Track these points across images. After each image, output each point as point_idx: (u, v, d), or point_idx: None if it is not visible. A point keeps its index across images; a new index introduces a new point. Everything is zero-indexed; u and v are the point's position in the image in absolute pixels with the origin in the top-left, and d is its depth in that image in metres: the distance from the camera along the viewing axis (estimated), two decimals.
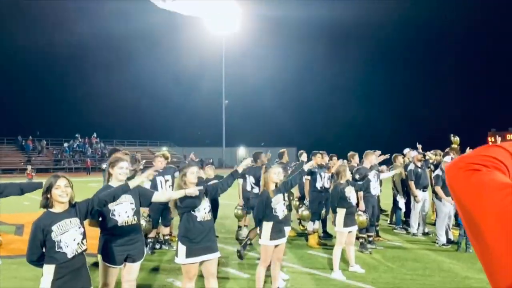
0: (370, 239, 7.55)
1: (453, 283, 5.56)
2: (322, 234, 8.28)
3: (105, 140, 43.98)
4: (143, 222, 6.82)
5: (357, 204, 6.91)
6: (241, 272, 6.05)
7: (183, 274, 4.35)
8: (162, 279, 5.74)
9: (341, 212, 6.05)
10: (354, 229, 6.23)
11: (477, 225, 0.97)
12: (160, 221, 7.34)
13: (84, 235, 3.20)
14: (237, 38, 42.97)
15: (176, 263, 6.39)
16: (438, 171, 7.80)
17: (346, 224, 6.02)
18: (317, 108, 70.32)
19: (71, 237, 3.09)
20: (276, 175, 5.16)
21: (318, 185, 7.78)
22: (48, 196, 3.10)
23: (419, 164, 8.46)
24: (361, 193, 6.99)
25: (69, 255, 3.06)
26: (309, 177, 7.73)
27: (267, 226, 4.99)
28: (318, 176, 7.77)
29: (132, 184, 3.59)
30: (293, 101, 69.28)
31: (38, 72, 57.53)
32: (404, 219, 9.36)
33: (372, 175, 7.32)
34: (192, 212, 4.22)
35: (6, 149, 38.97)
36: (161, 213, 7.21)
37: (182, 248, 4.21)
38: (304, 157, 8.30)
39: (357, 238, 7.53)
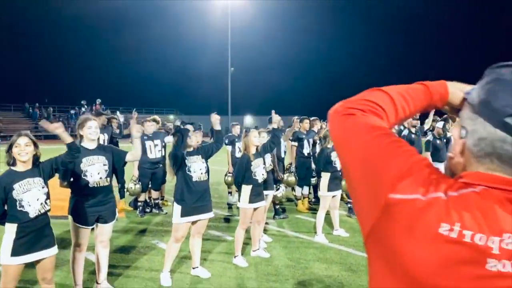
0: None
1: None
2: (313, 199, 8.29)
3: (112, 108, 44.02)
4: (132, 186, 6.92)
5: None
6: (225, 234, 6.12)
7: (172, 233, 4.40)
8: (147, 241, 5.83)
9: (325, 176, 6.02)
10: (338, 193, 6.20)
11: (347, 169, 0.92)
12: (150, 185, 7.41)
13: (48, 195, 3.21)
14: (243, 5, 41.98)
15: (163, 226, 6.53)
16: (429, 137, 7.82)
17: (330, 189, 5.99)
18: (323, 76, 69.25)
19: (34, 196, 3.10)
20: (256, 138, 5.13)
21: (305, 151, 7.67)
22: (11, 153, 3.10)
23: (413, 130, 8.31)
24: None
25: (32, 215, 3.08)
26: (296, 143, 7.64)
27: (246, 189, 5.01)
28: (305, 142, 7.68)
29: (67, 139, 3.40)
30: (300, 69, 68.30)
31: (46, 38, 57.29)
32: None
33: None
34: (188, 172, 4.31)
35: (14, 116, 39.30)
36: (150, 176, 7.27)
37: (177, 208, 4.31)
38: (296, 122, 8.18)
39: (346, 202, 7.54)
